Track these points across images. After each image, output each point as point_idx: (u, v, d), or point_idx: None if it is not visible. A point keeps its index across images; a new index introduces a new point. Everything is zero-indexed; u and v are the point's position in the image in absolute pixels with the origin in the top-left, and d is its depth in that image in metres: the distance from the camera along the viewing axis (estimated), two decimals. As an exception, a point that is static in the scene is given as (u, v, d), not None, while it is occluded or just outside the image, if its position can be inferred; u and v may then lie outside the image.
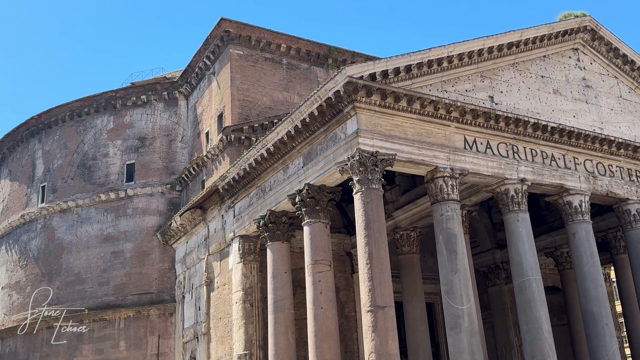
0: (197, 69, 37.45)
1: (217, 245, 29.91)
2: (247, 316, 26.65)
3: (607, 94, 27.60)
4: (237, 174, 26.86)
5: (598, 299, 23.69)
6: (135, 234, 36.09)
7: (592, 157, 25.59)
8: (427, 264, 28.90)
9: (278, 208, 24.98)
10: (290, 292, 24.91)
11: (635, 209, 26.08)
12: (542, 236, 31.43)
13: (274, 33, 35.51)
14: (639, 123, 27.93)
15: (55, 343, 33.98)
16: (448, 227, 21.35)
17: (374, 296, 19.11)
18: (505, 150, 23.41)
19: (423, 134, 21.70)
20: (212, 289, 30.22)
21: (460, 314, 20.38)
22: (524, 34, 24.97)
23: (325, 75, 35.95)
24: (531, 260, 22.68)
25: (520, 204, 23.16)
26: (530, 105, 24.77)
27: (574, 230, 24.65)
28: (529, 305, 22.17)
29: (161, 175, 37.54)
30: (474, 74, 23.79)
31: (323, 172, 22.11)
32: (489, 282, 33.73)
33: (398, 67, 21.32)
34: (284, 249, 25.39)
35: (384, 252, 19.75)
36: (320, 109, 21.47)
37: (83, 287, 35.47)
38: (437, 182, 21.70)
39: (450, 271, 20.88)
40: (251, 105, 33.75)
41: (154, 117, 38.83)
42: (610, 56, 28.13)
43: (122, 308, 34.25)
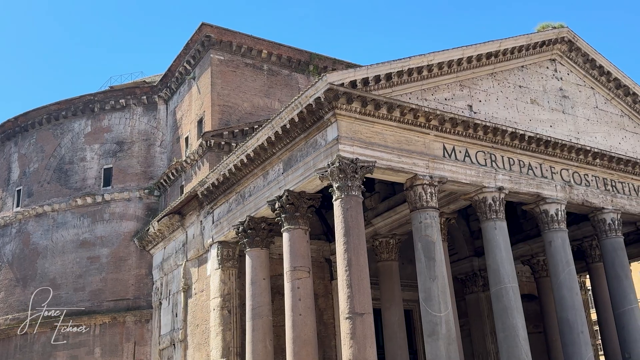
0: (177, 73, 37.26)
1: (196, 251, 29.70)
2: (225, 323, 26.46)
3: (584, 104, 28.05)
4: (216, 180, 26.73)
5: (574, 307, 23.96)
6: (112, 239, 35.68)
7: (569, 166, 25.95)
8: (406, 271, 29.01)
9: (257, 214, 24.90)
10: (268, 299, 24.81)
11: (610, 218, 26.48)
12: (519, 244, 31.75)
13: (255, 39, 35.50)
14: (614, 133, 28.41)
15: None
16: (427, 234, 21.46)
17: (352, 303, 19.11)
18: (484, 158, 23.63)
19: (403, 142, 21.82)
20: (190, 296, 29.98)
21: (438, 321, 20.46)
22: (503, 44, 25.28)
23: (306, 81, 36.01)
24: (508, 268, 22.88)
25: (497, 212, 23.38)
26: (508, 115, 25.05)
27: (550, 239, 24.94)
28: (506, 312, 22.34)
29: (139, 180, 37.21)
30: (453, 83, 24.01)
31: (303, 179, 22.11)
32: (467, 290, 33.96)
33: (379, 75, 21.44)
34: (262, 255, 25.30)
35: (363, 259, 19.77)
36: (301, 115, 21.49)
37: (58, 293, 34.93)
38: (417, 190, 21.83)
39: (429, 278, 20.98)
40: (231, 110, 33.66)
41: (132, 121, 38.51)
42: (587, 67, 28.60)
43: (97, 314, 33.79)
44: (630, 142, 28.78)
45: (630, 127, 29.23)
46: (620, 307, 25.92)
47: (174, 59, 37.08)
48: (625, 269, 26.44)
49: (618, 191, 27.20)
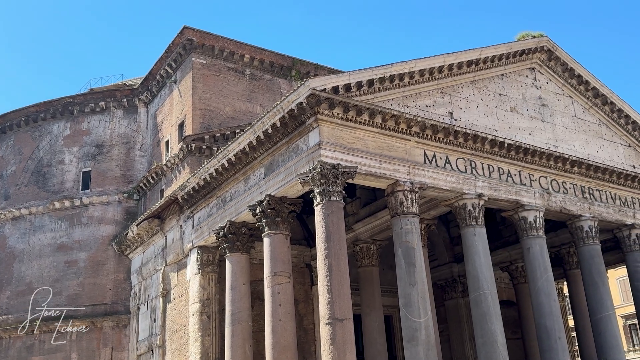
0: (158, 76, 37.03)
1: (175, 256, 29.47)
2: (204, 328, 26.26)
3: (562, 113, 28.42)
4: (197, 184, 26.57)
5: (551, 313, 24.18)
6: (90, 243, 35.29)
7: (547, 174, 26.24)
8: (386, 276, 29.08)
9: (238, 219, 24.79)
10: (248, 304, 24.69)
11: (588, 226, 26.81)
12: (498, 250, 32.00)
13: (238, 43, 35.44)
14: (592, 142, 28.82)
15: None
16: (407, 240, 21.54)
17: (332, 309, 19.09)
18: (464, 165, 23.81)
19: (384, 148, 21.90)
20: (169, 301, 29.71)
21: (418, 327, 20.52)
22: (483, 53, 25.53)
23: (288, 86, 36.02)
24: (487, 274, 23.04)
25: (477, 219, 23.55)
26: (488, 122, 25.29)
27: (529, 245, 25.17)
28: (485, 318, 22.48)
29: (118, 183, 36.89)
30: (434, 90, 24.18)
31: (284, 184, 22.07)
32: (446, 296, 34.12)
33: (361, 81, 21.51)
34: (243, 260, 25.17)
35: (343, 265, 19.77)
36: (283, 120, 21.48)
37: (34, 297, 34.41)
38: (397, 196, 21.91)
39: (409, 284, 21.04)
40: (213, 114, 33.53)
41: (112, 124, 38.19)
42: (565, 76, 28.99)
43: (74, 319, 33.32)
44: (608, 150, 29.21)
45: (607, 135, 29.67)
46: (597, 314, 26.22)
47: (155, 62, 36.87)
48: (602, 276, 26.77)
49: (595, 199, 27.56)
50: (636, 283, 28.45)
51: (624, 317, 56.28)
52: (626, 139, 30.21)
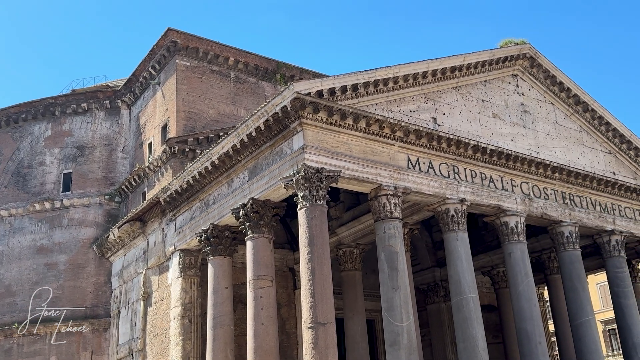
0: (141, 78, 36.81)
1: (157, 259, 29.25)
2: (185, 332, 26.08)
3: (544, 119, 28.71)
4: (180, 187, 26.42)
5: (532, 318, 24.36)
6: (71, 245, 34.93)
7: (529, 179, 26.48)
8: (369, 281, 29.12)
9: (221, 222, 24.68)
10: (230, 308, 24.57)
11: (568, 231, 27.07)
12: (480, 255, 32.20)
13: (222, 46, 35.37)
14: (573, 148, 29.14)
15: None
16: (390, 244, 21.59)
17: (315, 313, 19.06)
18: (447, 170, 23.95)
19: (368, 152, 21.96)
20: (150, 304, 29.47)
21: (400, 331, 20.57)
22: (467, 59, 25.72)
23: (273, 90, 36.00)
24: (469, 278, 23.16)
25: (459, 224, 23.68)
26: (471, 128, 25.47)
27: (510, 250, 25.35)
28: (466, 323, 22.58)
29: (100, 185, 36.58)
30: (418, 96, 24.30)
31: (268, 187, 22.03)
32: (428, 300, 34.26)
33: (345, 86, 21.56)
34: (225, 263, 25.06)
35: (326, 269, 19.76)
36: (267, 123, 21.45)
37: (13, 300, 33.97)
38: (381, 200, 21.96)
39: (391, 288, 21.08)
40: (197, 117, 33.40)
41: (94, 125, 37.88)
42: (547, 83, 29.29)
43: (54, 322, 32.92)
44: (588, 157, 29.56)
45: (588, 142, 30.03)
46: (577, 319, 26.47)
47: (138, 63, 36.65)
48: (582, 281, 27.04)
49: (576, 205, 27.86)
50: (615, 289, 28.77)
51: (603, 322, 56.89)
52: (607, 146, 30.60)
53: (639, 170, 31.22)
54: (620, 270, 28.77)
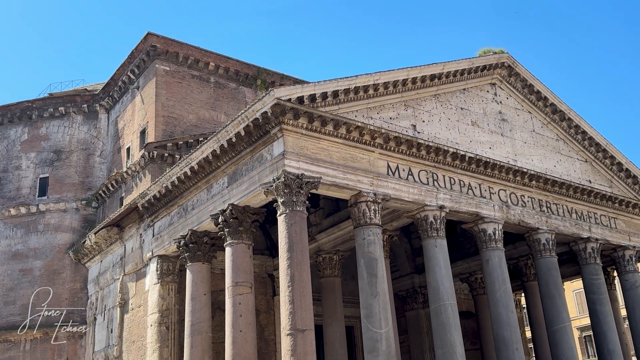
0: (120, 82, 36.51)
1: (134, 265, 28.93)
2: (163, 339, 25.80)
3: (522, 127, 29.05)
4: (158, 192, 26.20)
5: (509, 324, 24.54)
6: (46, 251, 34.42)
7: (506, 187, 26.73)
8: (348, 287, 29.11)
9: (200, 228, 24.52)
10: (208, 315, 24.37)
11: (545, 238, 27.36)
12: (458, 262, 32.40)
13: (203, 51, 35.25)
14: (550, 156, 29.50)
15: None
16: (369, 251, 21.62)
17: (294, 319, 19.00)
18: (426, 177, 24.08)
19: (348, 159, 22.00)
20: (126, 311, 29.12)
21: (379, 338, 20.58)
22: (446, 67, 25.95)
23: (253, 96, 35.94)
24: (447, 285, 23.27)
25: (438, 230, 23.80)
26: (450, 136, 25.67)
27: (488, 257, 25.53)
28: (444, 329, 22.68)
29: (77, 190, 36.14)
30: (398, 103, 24.43)
31: (248, 193, 21.95)
32: (407, 306, 34.35)
33: (326, 92, 21.61)
34: (204, 270, 24.87)
35: (306, 275, 19.72)
36: (247, 129, 21.39)
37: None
38: (360, 207, 22.01)
39: (370, 295, 21.10)
40: (176, 122, 33.20)
41: (71, 129, 37.44)
42: (525, 92, 29.65)
43: (28, 329, 32.34)
44: (565, 165, 29.96)
45: (565, 151, 30.43)
46: (553, 325, 26.73)
47: (117, 67, 36.34)
48: (559, 288, 27.32)
49: (552, 212, 28.19)
50: (591, 295, 29.11)
51: (579, 328, 57.55)
52: (583, 155, 31.04)
53: (614, 178, 31.72)
54: (596, 277, 29.14)
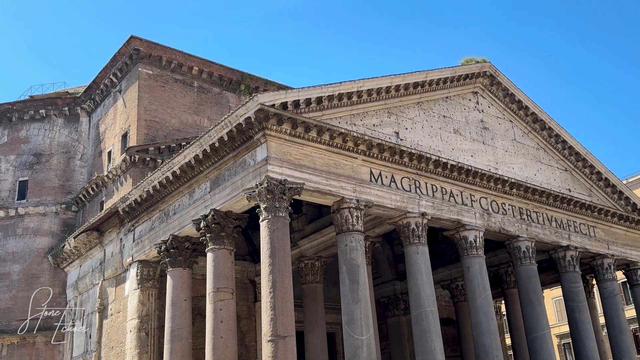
0: (102, 85, 36.23)
1: (114, 270, 28.64)
2: (142, 346, 25.54)
3: (503, 136, 29.33)
4: (139, 196, 25.99)
5: (489, 331, 24.67)
6: (25, 255, 33.97)
7: (487, 195, 26.95)
8: (330, 293, 29.09)
9: (181, 233, 24.35)
10: (189, 321, 24.19)
11: (525, 246, 27.59)
12: (440, 269, 32.53)
13: (186, 55, 35.13)
14: (530, 165, 29.81)
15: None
16: (351, 257, 21.64)
17: (275, 325, 18.93)
18: (408, 184, 24.19)
19: (331, 165, 22.03)
20: (106, 316, 28.80)
21: (360, 344, 20.57)
22: (429, 75, 26.14)
23: (237, 101, 35.86)
24: (428, 292, 23.35)
25: (420, 237, 23.90)
26: (433, 143, 25.83)
27: (469, 264, 25.67)
28: (425, 336, 22.73)
29: (56, 194, 35.74)
30: (381, 110, 24.55)
31: (230, 198, 21.86)
32: (389, 313, 34.41)
33: (309, 98, 21.64)
34: (185, 275, 24.69)
35: (287, 281, 19.67)
36: (231, 134, 21.34)
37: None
38: (343, 213, 22.03)
39: (352, 301, 21.10)
40: (158, 126, 32.99)
41: (52, 132, 37.06)
42: (506, 101, 29.97)
43: (5, 334, 31.96)
44: (545, 173, 30.28)
45: (545, 159, 30.78)
46: (533, 333, 26.91)
47: (99, 70, 36.07)
48: (538, 296, 27.54)
49: (533, 220, 28.45)
50: (570, 303, 29.37)
51: (558, 336, 58.01)
52: (563, 163, 31.40)
53: (593, 187, 32.12)
54: (575, 285, 29.42)
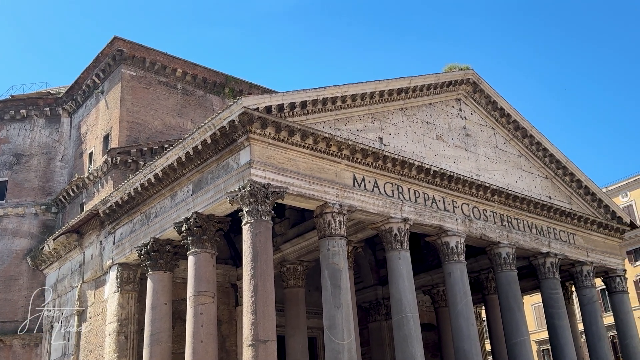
0: (84, 86, 35.88)
1: (93, 272, 28.33)
2: (121, 349, 25.27)
3: (485, 143, 29.57)
4: (120, 198, 25.75)
5: (469, 337, 24.79)
6: (3, 257, 33.49)
7: (469, 201, 27.13)
8: (312, 298, 29.05)
9: (163, 236, 24.17)
10: (169, 325, 24.00)
11: (506, 252, 27.80)
12: (421, 274, 32.60)
13: (170, 57, 34.92)
14: (511, 172, 30.08)
15: None
16: (334, 262, 21.64)
17: (256, 330, 18.85)
18: (391, 190, 24.27)
19: (315, 169, 22.04)
20: (84, 319, 28.47)
21: (341, 349, 20.55)
22: (413, 82, 26.28)
23: (221, 103, 35.72)
24: (410, 297, 23.42)
25: (402, 243, 23.97)
26: (416, 149, 25.96)
27: (450, 270, 25.80)
28: (406, 341, 22.78)
29: (36, 195, 35.30)
30: (365, 115, 24.63)
31: (213, 201, 21.76)
32: (370, 318, 34.42)
33: (294, 102, 21.63)
34: (165, 279, 24.51)
35: (269, 285, 19.61)
36: (214, 137, 21.25)
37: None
38: (326, 218, 22.03)
39: (334, 306, 21.09)
40: (141, 128, 32.73)
41: (33, 133, 36.62)
42: (489, 108, 30.23)
43: (-20, 337, 31.37)
44: (526, 181, 30.57)
45: (526, 167, 31.08)
46: (512, 339, 27.09)
47: (82, 71, 35.73)
48: (518, 302, 27.75)
49: (513, 227, 28.69)
50: (550, 310, 29.62)
51: (537, 342, 58.46)
52: (543, 171, 31.73)
53: (573, 195, 32.49)
54: (555, 291, 29.69)
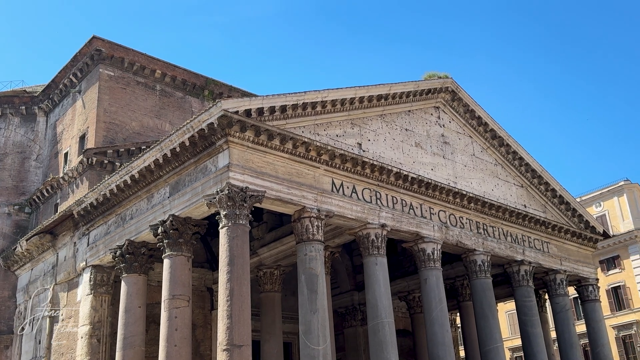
0: (61, 85, 35.41)
1: (66, 274, 27.91)
2: (93, 352, 24.92)
3: (462, 151, 29.84)
4: (95, 199, 25.43)
5: (444, 343, 24.92)
6: (-27, 257, 32.76)
7: (446, 208, 27.33)
8: (289, 303, 28.97)
9: (138, 238, 23.91)
10: (142, 328, 23.72)
11: (481, 260, 28.03)
12: (398, 280, 32.74)
13: (149, 58, 34.63)
14: (488, 180, 30.38)
15: None
16: (311, 267, 21.61)
17: (231, 334, 18.73)
18: (369, 195, 24.35)
19: (293, 174, 22.01)
20: (56, 322, 28.00)
21: (316, 355, 20.51)
22: (392, 89, 26.43)
23: (200, 106, 35.53)
24: (386, 303, 23.47)
25: (379, 248, 24.03)
26: (394, 155, 26.10)
27: (426, 276, 25.92)
28: (381, 347, 22.83)
29: (9, 195, 34.70)
30: (345, 121, 24.69)
31: (190, 204, 21.60)
32: (346, 324, 34.43)
33: (274, 106, 21.61)
34: (140, 281, 24.24)
35: (245, 290, 19.51)
36: (192, 139, 21.12)
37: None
38: (304, 222, 22.00)
39: (310, 311, 21.05)
40: (118, 128, 32.39)
41: (7, 131, 36.03)
42: (467, 117, 30.51)
43: (-52, 339, 30.66)
44: (502, 189, 30.91)
45: (502, 175, 31.42)
46: (486, 345, 27.31)
47: (59, 70, 35.25)
48: (493, 309, 27.99)
49: (489, 234, 28.97)
50: (523, 317, 29.91)
51: (511, 349, 59.04)
52: (519, 180, 32.11)
53: (548, 204, 32.92)
54: (528, 299, 30.00)
